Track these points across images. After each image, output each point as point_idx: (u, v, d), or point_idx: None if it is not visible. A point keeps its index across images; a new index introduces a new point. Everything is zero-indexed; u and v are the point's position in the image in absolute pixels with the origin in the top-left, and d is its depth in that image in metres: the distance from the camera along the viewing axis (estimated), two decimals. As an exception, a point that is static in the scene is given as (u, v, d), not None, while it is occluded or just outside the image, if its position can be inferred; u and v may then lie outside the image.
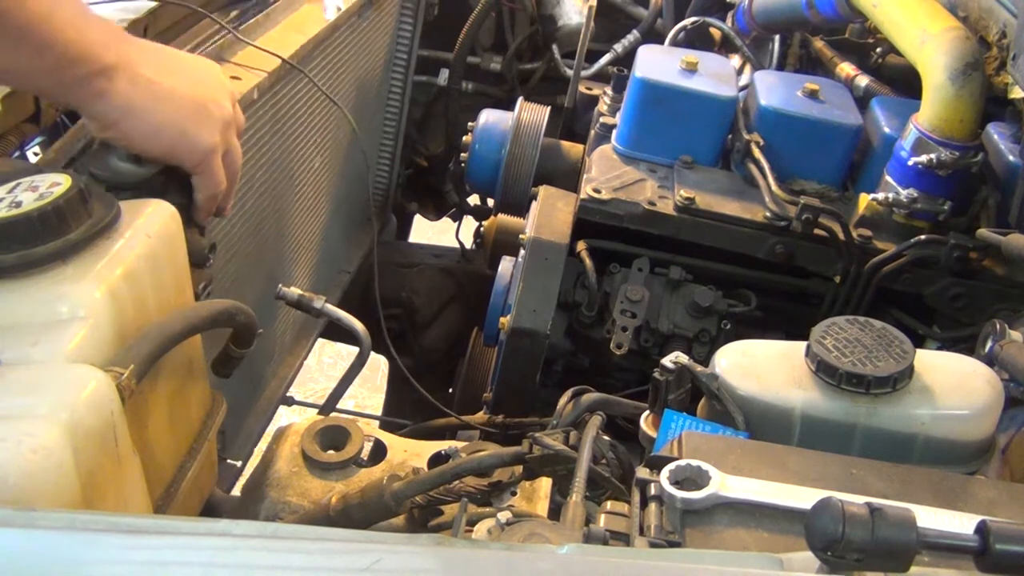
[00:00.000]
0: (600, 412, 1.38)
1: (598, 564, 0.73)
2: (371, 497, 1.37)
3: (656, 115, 2.15)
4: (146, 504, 1.12)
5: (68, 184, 1.09)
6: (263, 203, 2.05)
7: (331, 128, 2.38)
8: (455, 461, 1.40)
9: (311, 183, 2.36)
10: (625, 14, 3.08)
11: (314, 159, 2.32)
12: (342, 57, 2.32)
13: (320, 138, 2.32)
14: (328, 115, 2.32)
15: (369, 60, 2.59)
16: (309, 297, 1.79)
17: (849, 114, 2.15)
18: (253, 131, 1.88)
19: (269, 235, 2.14)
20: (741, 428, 1.21)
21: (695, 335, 1.98)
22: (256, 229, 2.03)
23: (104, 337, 1.04)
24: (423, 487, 1.37)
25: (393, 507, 1.36)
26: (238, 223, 1.92)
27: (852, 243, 1.96)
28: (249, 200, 1.96)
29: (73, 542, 0.67)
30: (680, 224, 2.01)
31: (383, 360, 2.98)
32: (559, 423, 1.50)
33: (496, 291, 2.12)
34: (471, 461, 1.37)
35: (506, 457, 1.37)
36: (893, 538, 0.70)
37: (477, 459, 1.37)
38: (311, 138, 2.25)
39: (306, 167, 2.29)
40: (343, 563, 0.67)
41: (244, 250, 1.98)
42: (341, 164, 2.56)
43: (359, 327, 1.80)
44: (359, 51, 2.46)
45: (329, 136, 2.38)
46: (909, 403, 1.20)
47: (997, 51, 1.93)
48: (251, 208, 1.98)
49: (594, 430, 1.28)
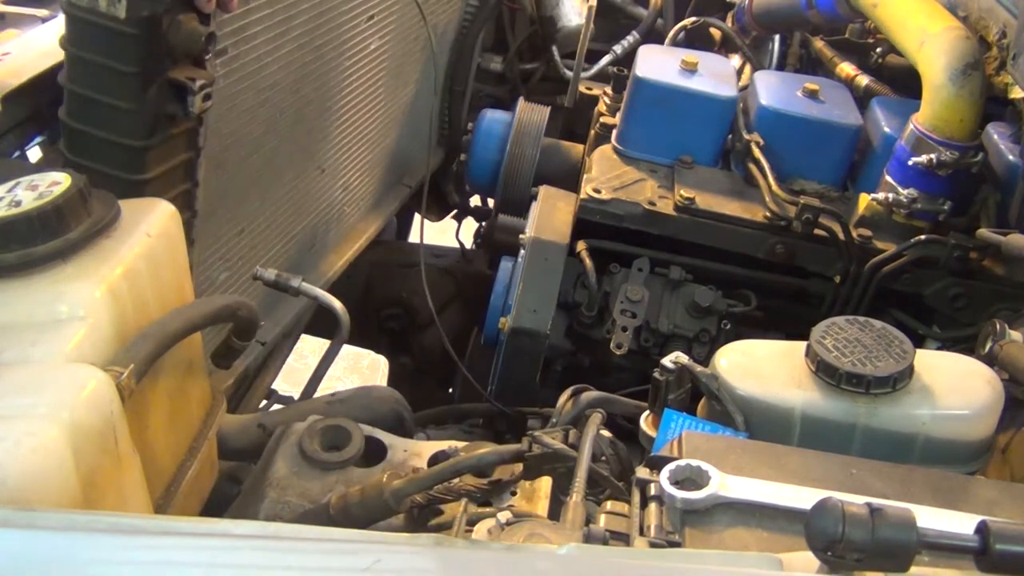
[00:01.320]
0: (600, 410, 1.38)
1: (598, 564, 0.73)
2: (371, 495, 1.37)
3: (656, 115, 2.16)
4: (146, 504, 1.12)
5: (68, 183, 1.09)
6: (304, 56, 1.84)
7: (395, 11, 2.21)
8: (455, 459, 1.40)
9: (366, 62, 2.14)
10: (625, 14, 3.08)
11: (371, 40, 2.14)
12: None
13: (381, 17, 2.13)
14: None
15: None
16: (286, 277, 1.78)
17: (849, 114, 2.15)
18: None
19: (310, 104, 1.95)
20: (741, 429, 1.21)
21: (695, 335, 1.98)
22: (295, 88, 1.84)
23: (104, 336, 1.04)
24: (423, 485, 1.36)
25: (393, 505, 1.35)
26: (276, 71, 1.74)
27: (852, 243, 1.96)
28: (285, 47, 1.75)
29: (73, 542, 0.67)
30: (680, 224, 2.01)
31: (383, 360, 2.98)
32: (559, 421, 1.50)
33: (496, 291, 2.12)
34: (471, 458, 1.36)
35: (505, 454, 1.36)
36: (893, 538, 0.69)
37: (477, 456, 1.37)
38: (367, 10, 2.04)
39: (360, 41, 2.07)
40: (343, 563, 0.67)
41: (282, 117, 1.80)
42: (404, 59, 2.37)
43: (337, 305, 1.81)
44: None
45: (392, 20, 2.20)
46: (909, 403, 1.20)
47: (997, 51, 1.93)
48: (288, 58, 1.77)
49: (594, 429, 1.28)
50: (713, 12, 2.86)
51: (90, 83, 1.36)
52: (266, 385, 2.14)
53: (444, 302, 2.88)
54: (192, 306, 1.23)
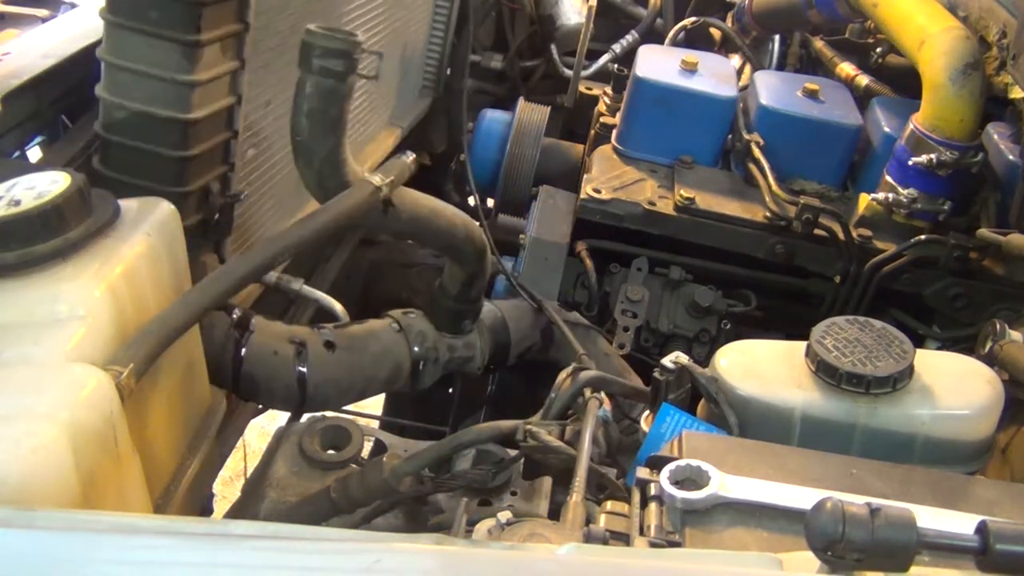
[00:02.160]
0: (599, 395, 1.39)
1: (598, 564, 0.73)
2: (371, 475, 1.36)
3: (656, 115, 2.16)
4: (146, 504, 1.12)
5: (67, 183, 1.09)
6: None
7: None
8: (453, 435, 1.40)
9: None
10: (625, 14, 3.08)
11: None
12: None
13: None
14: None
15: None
16: (287, 280, 1.78)
17: (849, 114, 2.15)
18: None
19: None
20: (735, 434, 1.20)
21: (695, 335, 1.98)
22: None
23: (104, 336, 1.04)
24: (423, 462, 1.36)
25: (393, 483, 1.35)
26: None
27: (852, 243, 1.96)
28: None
29: (73, 542, 0.67)
30: (680, 224, 2.01)
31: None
32: (556, 397, 1.47)
33: (496, 291, 2.12)
34: (469, 432, 1.38)
35: (504, 429, 1.37)
36: (893, 538, 0.69)
37: (475, 431, 1.38)
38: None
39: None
40: (343, 563, 0.67)
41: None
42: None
43: (338, 307, 1.81)
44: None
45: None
46: (909, 403, 1.20)
47: (997, 51, 1.93)
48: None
49: (591, 425, 1.28)
50: (713, 12, 2.86)
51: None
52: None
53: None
54: (193, 292, 1.20)
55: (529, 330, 1.92)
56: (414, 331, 1.70)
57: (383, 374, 1.65)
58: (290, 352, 1.53)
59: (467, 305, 1.75)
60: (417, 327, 1.70)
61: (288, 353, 1.53)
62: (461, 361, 1.79)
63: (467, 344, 1.79)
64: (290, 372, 1.53)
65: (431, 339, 1.71)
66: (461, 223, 1.61)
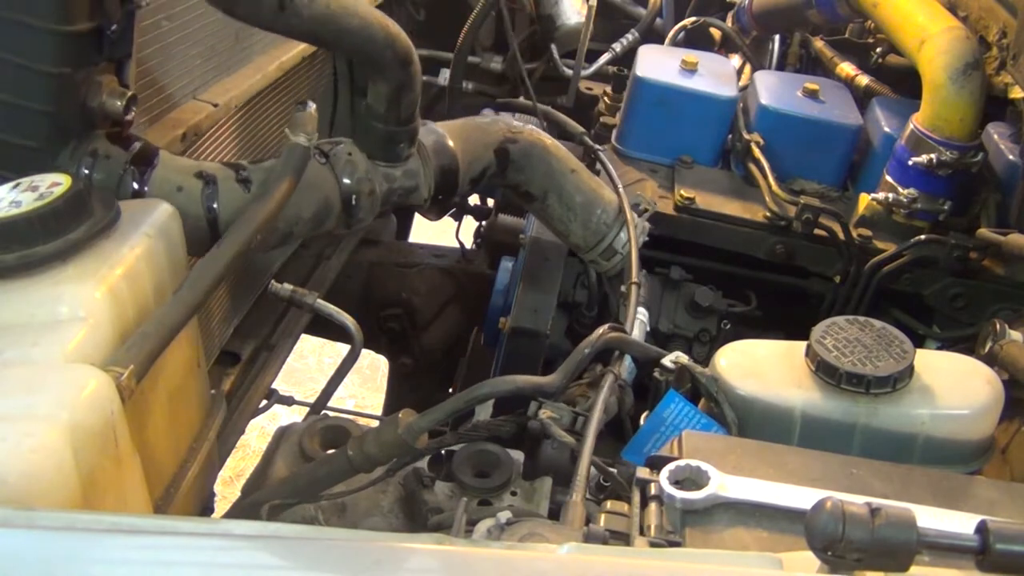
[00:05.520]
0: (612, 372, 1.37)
1: (598, 564, 0.73)
2: (386, 432, 1.33)
3: (656, 115, 2.16)
4: (146, 504, 1.12)
5: (68, 184, 1.09)
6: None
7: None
8: (467, 390, 1.36)
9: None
10: (624, 14, 3.08)
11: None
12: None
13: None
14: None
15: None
16: (301, 293, 1.77)
17: (849, 114, 2.15)
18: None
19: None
20: (734, 434, 1.21)
21: (695, 335, 1.98)
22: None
23: (104, 337, 1.04)
24: (439, 417, 1.33)
25: (409, 440, 1.31)
26: None
27: (852, 243, 1.96)
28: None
29: (73, 542, 0.67)
30: (680, 224, 2.01)
31: (383, 360, 2.97)
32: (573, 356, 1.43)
33: (496, 291, 2.12)
34: (485, 386, 1.34)
35: (521, 383, 1.34)
36: (893, 538, 0.69)
37: (492, 383, 1.34)
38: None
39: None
40: (343, 563, 0.67)
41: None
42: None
43: (351, 322, 1.79)
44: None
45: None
46: (909, 403, 1.20)
47: (997, 51, 1.93)
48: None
49: (597, 420, 1.27)
50: (713, 12, 2.86)
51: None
52: (266, 385, 2.13)
53: (444, 302, 2.88)
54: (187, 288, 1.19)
55: (481, 150, 1.69)
56: (341, 161, 1.49)
57: (308, 212, 1.47)
58: (197, 188, 1.36)
59: (399, 126, 1.52)
60: (345, 156, 1.50)
61: (195, 189, 1.35)
62: (403, 192, 1.59)
63: (407, 172, 1.57)
64: (199, 210, 1.35)
65: (363, 169, 1.51)
66: (378, 23, 1.41)
